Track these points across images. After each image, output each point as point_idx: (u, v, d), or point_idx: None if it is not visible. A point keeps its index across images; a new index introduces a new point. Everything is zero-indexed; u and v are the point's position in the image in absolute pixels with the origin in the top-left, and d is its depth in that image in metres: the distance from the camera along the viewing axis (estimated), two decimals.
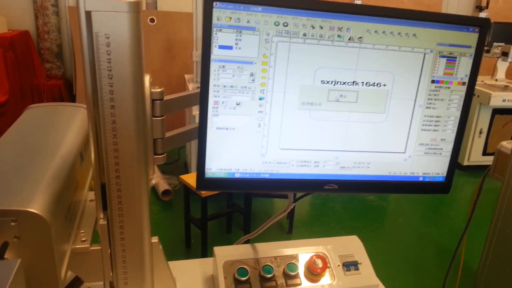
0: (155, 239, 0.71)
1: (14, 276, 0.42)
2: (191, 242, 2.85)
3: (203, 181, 0.71)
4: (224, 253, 0.92)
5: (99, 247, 0.65)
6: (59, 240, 0.56)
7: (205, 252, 2.65)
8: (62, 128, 0.78)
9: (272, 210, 3.41)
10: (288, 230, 3.08)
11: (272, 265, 0.90)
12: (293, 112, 0.71)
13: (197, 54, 3.50)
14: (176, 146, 0.71)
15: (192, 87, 3.58)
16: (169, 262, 0.80)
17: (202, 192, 2.53)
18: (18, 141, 0.71)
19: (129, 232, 0.65)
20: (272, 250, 0.94)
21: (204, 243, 2.63)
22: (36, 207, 0.50)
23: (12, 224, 0.49)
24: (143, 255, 0.68)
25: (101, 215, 0.64)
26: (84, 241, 0.63)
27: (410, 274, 2.75)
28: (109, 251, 0.65)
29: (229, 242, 2.20)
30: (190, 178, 2.67)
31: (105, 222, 0.63)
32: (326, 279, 0.91)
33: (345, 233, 3.12)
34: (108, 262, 0.66)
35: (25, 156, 0.64)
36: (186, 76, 4.37)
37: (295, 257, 0.93)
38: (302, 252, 0.94)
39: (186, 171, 3.88)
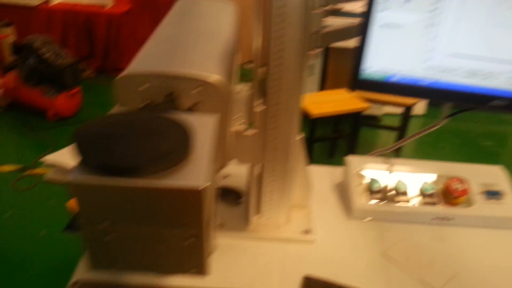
0: (300, 135, 0.71)
1: (215, 126, 0.44)
2: None
3: (357, 82, 0.69)
4: (357, 162, 0.91)
5: (254, 132, 0.67)
6: (227, 115, 0.58)
7: None
8: (217, 17, 0.78)
9: (377, 141, 3.31)
10: None
11: (406, 181, 0.87)
12: (472, 13, 0.62)
13: None
14: (333, 42, 0.68)
15: None
16: None
17: (312, 113, 2.52)
18: (182, 25, 0.72)
19: (282, 121, 0.66)
20: (407, 166, 0.91)
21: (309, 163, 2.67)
22: (216, 79, 0.52)
23: (194, 91, 0.51)
24: (291, 146, 0.69)
25: (259, 102, 0.65)
26: (241, 124, 0.65)
27: None
28: (262, 137, 0.67)
29: None
30: None
31: (262, 109, 0.65)
32: (464, 204, 0.86)
33: None
34: (260, 147, 0.68)
35: (193, 36, 0.66)
36: None
37: (432, 177, 0.89)
38: (441, 173, 0.89)
39: None
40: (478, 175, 0.91)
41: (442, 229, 0.86)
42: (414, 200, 0.86)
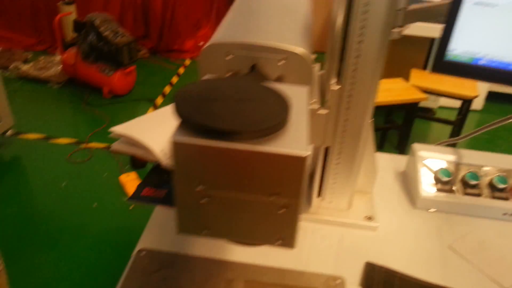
0: (370, 119, 0.69)
1: (308, 97, 0.44)
2: None
3: (441, 63, 0.65)
4: (424, 151, 0.87)
5: (326, 111, 0.65)
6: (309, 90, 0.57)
7: None
8: None
9: (430, 134, 3.19)
10: None
11: (476, 174, 0.83)
12: None
13: None
14: (416, 21, 0.64)
15: None
16: None
17: None
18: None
19: (356, 102, 0.64)
20: (478, 158, 0.86)
21: None
22: (301, 51, 0.50)
23: (279, 63, 0.51)
24: (362, 129, 0.67)
25: (333, 81, 0.63)
26: (313, 103, 0.64)
27: None
28: (334, 117, 0.66)
29: None
30: None
31: (337, 88, 0.63)
32: None
33: None
34: (330, 127, 0.67)
35: (273, 10, 0.64)
36: None
37: (506, 170, 0.84)
38: None
39: None
40: None
41: None
42: (485, 193, 0.82)
